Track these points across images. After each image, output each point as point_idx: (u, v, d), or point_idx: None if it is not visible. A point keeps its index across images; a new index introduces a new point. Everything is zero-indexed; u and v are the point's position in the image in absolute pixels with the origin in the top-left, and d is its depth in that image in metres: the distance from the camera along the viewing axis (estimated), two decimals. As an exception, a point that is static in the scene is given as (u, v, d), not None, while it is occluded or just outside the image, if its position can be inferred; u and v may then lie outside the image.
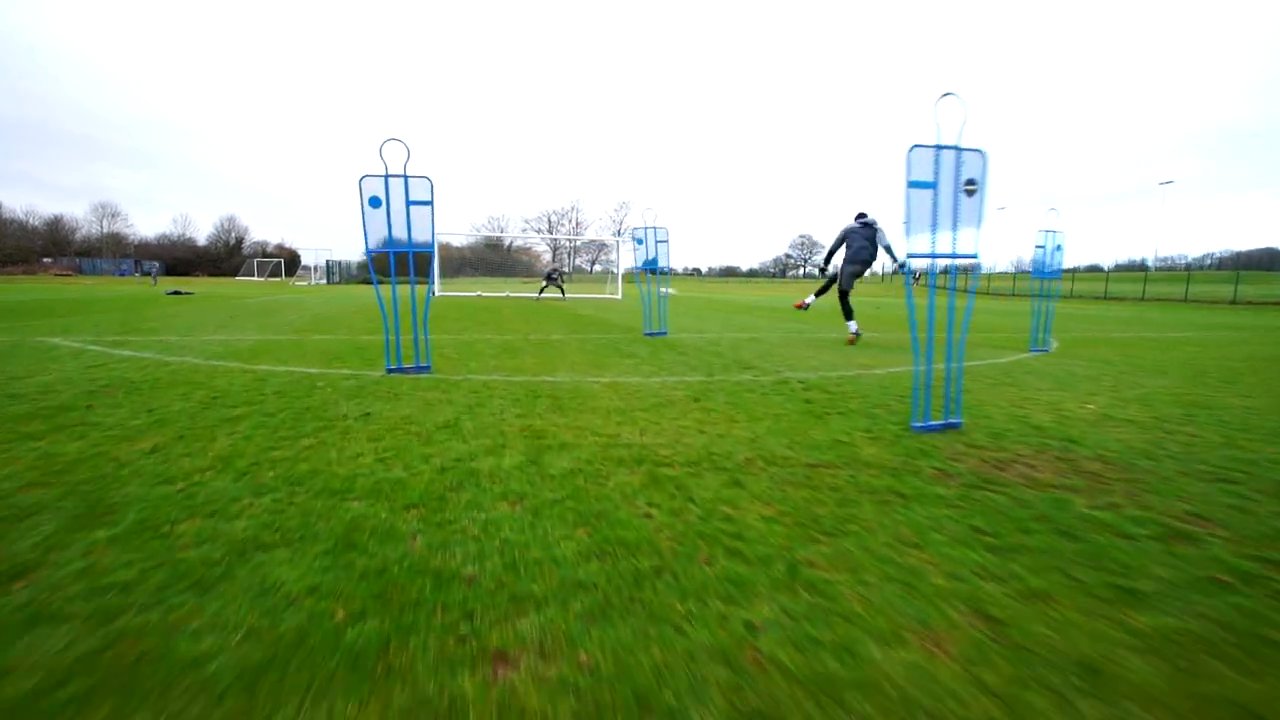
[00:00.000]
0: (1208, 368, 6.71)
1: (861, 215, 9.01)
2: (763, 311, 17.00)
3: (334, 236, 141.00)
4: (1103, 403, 4.60)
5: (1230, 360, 7.43)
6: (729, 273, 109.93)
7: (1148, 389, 5.24)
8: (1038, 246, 8.14)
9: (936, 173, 3.35)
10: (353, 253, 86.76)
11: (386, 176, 4.88)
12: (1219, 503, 2.52)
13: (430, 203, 5.03)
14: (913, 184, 3.30)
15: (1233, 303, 35.64)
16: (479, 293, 27.28)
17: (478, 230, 69.71)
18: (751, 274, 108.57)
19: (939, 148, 3.34)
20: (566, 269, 25.06)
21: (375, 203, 4.86)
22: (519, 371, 5.40)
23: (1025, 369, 6.33)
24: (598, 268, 78.34)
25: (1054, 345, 8.66)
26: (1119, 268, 79.67)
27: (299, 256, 73.53)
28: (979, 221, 3.53)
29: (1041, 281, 8.26)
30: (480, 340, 7.88)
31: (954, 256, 3.52)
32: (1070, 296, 44.22)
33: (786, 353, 7.22)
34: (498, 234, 73.04)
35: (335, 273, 63.50)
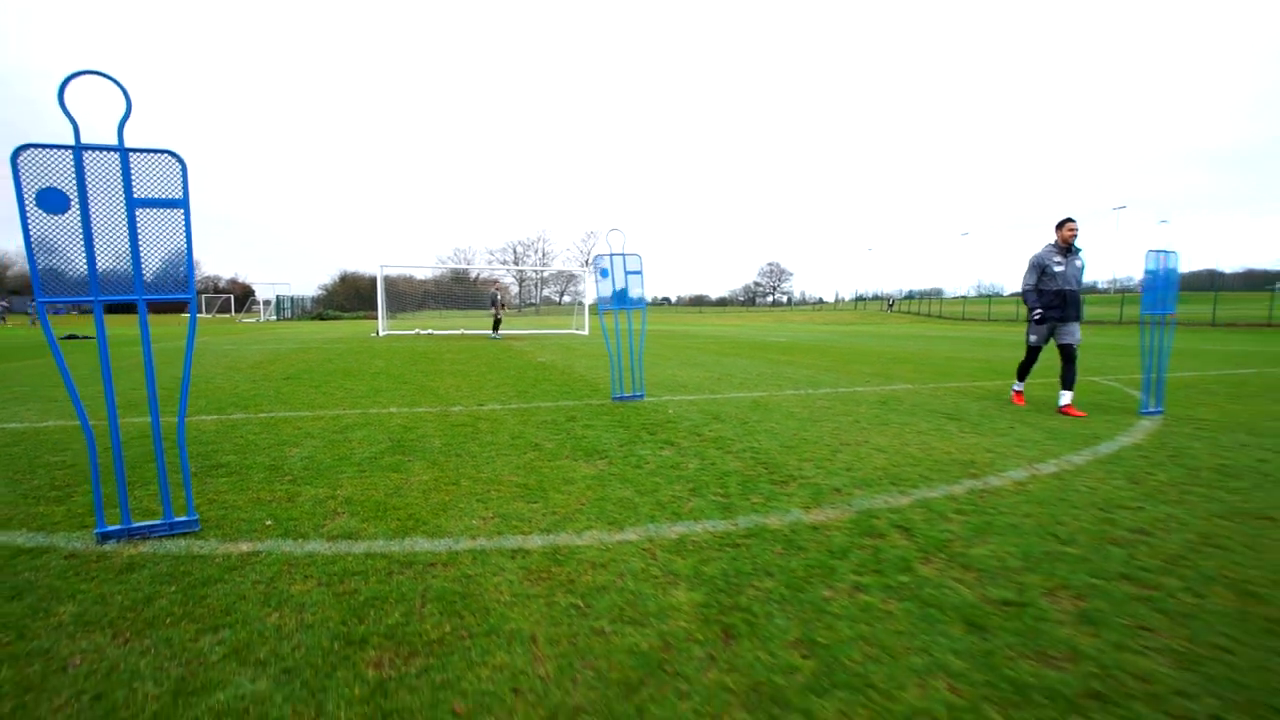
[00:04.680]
0: None
1: (1066, 227, 5.94)
2: (755, 350, 14.69)
3: (294, 270, 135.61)
4: None
5: None
6: (699, 301, 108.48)
7: None
8: (1148, 271, 5.98)
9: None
10: (309, 287, 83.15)
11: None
12: None
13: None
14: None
15: (1213, 324, 34.83)
16: (417, 330, 24.46)
17: (444, 262, 66.66)
18: (722, 302, 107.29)
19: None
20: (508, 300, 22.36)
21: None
22: (378, 517, 2.89)
23: (1198, 459, 4.04)
24: (566, 299, 75.84)
25: (1161, 406, 6.40)
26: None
27: (253, 291, 69.75)
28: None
29: (1153, 318, 6.07)
30: (369, 421, 5.33)
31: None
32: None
33: (826, 433, 4.83)
34: (464, 265, 70.34)
35: (286, 308, 60.02)
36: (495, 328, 20.96)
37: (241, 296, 70.02)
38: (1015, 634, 1.90)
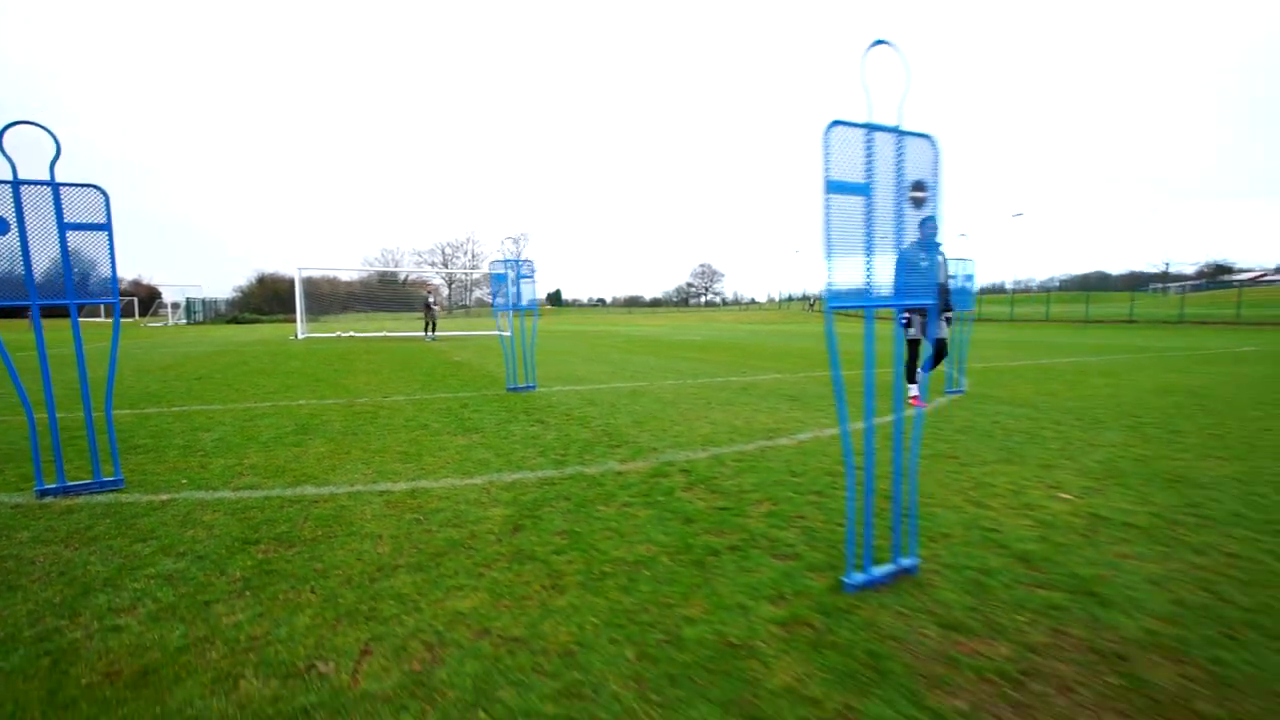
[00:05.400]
0: (1133, 408, 5.95)
1: (926, 225, 6.66)
2: (666, 348, 15.76)
3: (206, 271, 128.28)
4: (1071, 484, 3.48)
5: (1142, 394, 6.81)
6: (633, 302, 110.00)
7: (1104, 451, 4.24)
8: (949, 276, 7.31)
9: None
10: (223, 289, 79.29)
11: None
12: None
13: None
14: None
15: (1086, 322, 38.73)
16: (339, 333, 24.43)
17: (370, 264, 65.47)
18: (655, 303, 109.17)
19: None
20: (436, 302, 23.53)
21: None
22: (277, 476, 3.62)
23: (953, 423, 5.26)
24: (500, 300, 75.43)
25: (964, 385, 7.79)
26: (982, 290, 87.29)
27: (159, 294, 65.84)
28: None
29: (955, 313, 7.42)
30: (278, 411, 5.94)
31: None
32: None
33: (677, 413, 5.81)
34: (392, 269, 68.97)
35: (199, 311, 57.30)
36: (432, 329, 21.46)
37: (147, 299, 66.03)
38: (712, 523, 2.88)
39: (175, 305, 54.31)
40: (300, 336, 21.64)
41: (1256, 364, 11.05)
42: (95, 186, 3.25)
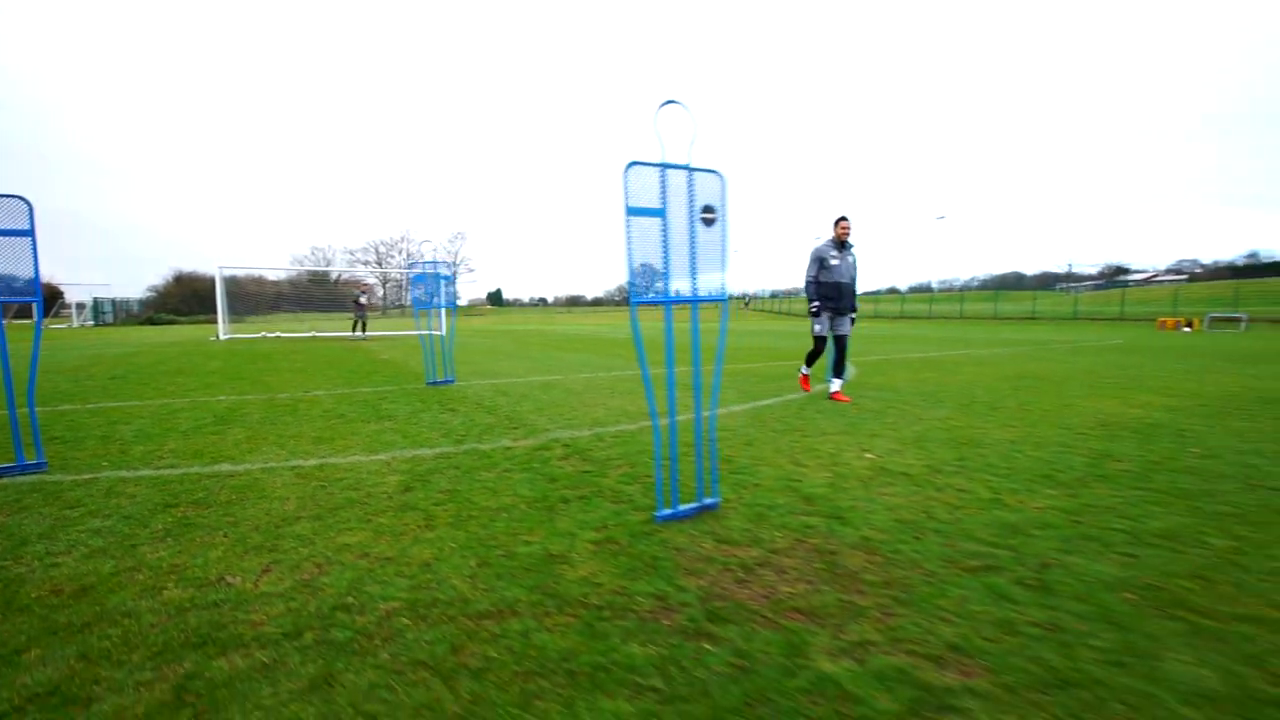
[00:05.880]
0: (977, 391, 6.95)
1: (839, 225, 6.40)
2: (591, 345, 16.35)
3: (115, 269, 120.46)
4: (881, 448, 4.28)
5: (997, 380, 7.88)
6: (574, 301, 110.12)
7: (926, 424, 5.10)
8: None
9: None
10: (135, 288, 74.81)
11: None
12: (982, 618, 1.99)
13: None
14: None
15: (995, 318, 41.73)
16: (265, 333, 23.98)
17: (299, 262, 63.45)
18: (596, 302, 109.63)
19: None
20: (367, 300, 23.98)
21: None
22: (195, 457, 4.02)
23: (818, 405, 6.07)
24: (437, 299, 74.27)
25: (852, 372, 8.75)
26: (912, 289, 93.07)
27: (61, 293, 61.51)
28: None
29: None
30: (197, 406, 6.22)
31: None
32: (874, 316, 49.46)
33: (579, 401, 6.42)
34: (323, 268, 66.88)
35: (108, 312, 54.05)
36: (363, 329, 21.61)
37: (49, 298, 61.53)
38: (572, 482, 3.49)
39: (81, 305, 51.06)
40: (222, 337, 21.12)
41: (1114, 354, 12.58)
42: (21, 198, 3.58)
